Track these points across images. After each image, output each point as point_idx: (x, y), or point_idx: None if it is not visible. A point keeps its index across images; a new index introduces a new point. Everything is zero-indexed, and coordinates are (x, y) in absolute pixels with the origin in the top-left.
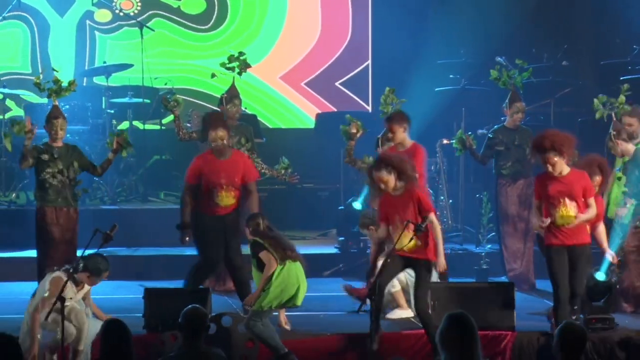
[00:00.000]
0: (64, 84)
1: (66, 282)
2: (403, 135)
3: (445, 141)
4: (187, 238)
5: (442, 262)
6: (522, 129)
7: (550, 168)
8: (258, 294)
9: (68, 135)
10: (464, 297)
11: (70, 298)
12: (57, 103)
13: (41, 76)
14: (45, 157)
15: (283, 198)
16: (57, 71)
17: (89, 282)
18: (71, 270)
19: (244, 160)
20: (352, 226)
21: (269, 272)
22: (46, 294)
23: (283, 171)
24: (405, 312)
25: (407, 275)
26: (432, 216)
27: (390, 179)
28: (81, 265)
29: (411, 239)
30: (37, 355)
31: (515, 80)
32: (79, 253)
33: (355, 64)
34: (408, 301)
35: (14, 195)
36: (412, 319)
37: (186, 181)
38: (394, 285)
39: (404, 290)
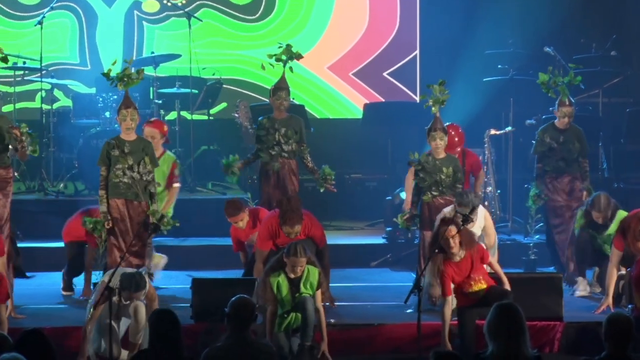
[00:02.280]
0: (134, 74)
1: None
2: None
3: (493, 131)
4: None
5: None
6: (570, 128)
7: None
8: None
9: (116, 125)
10: (512, 287)
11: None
12: (127, 93)
13: (112, 67)
14: (116, 152)
15: None
16: (128, 62)
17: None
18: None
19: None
20: None
21: None
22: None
23: (321, 180)
24: None
25: None
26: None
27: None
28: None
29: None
30: (85, 347)
31: (560, 88)
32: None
33: (403, 54)
34: None
35: (62, 185)
36: None
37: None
38: None
39: None
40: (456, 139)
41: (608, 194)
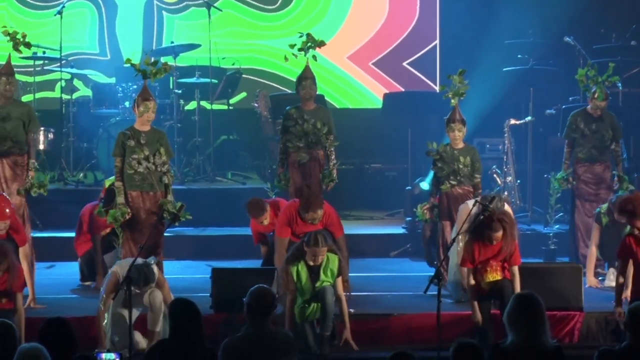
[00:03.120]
0: (159, 65)
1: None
2: None
3: (513, 121)
4: None
5: None
6: (603, 114)
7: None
8: None
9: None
10: (532, 277)
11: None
12: (146, 84)
13: (131, 58)
14: (131, 143)
15: (351, 178)
16: (147, 54)
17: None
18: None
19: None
20: None
21: None
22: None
23: (326, 179)
24: None
25: None
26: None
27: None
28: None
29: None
30: (102, 336)
31: (598, 87)
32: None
33: (422, 43)
34: None
35: (81, 175)
36: None
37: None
38: None
39: None
40: None
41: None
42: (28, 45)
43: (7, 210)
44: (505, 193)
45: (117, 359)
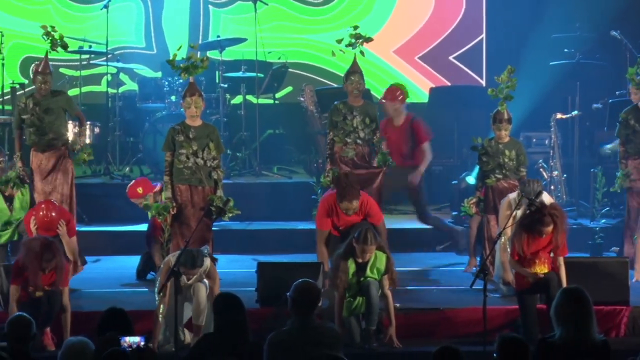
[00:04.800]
0: (198, 61)
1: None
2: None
3: (559, 115)
4: None
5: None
6: None
7: None
8: None
9: (181, 109)
10: (578, 272)
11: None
12: (193, 80)
13: (177, 52)
14: (180, 138)
15: (397, 172)
16: (193, 47)
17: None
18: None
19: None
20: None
21: None
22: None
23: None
24: None
25: None
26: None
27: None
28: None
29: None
30: (157, 327)
31: None
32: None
33: (469, 37)
34: None
35: (127, 169)
36: None
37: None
38: None
39: None
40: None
41: None
42: (65, 46)
43: (59, 228)
44: (552, 187)
45: (141, 341)
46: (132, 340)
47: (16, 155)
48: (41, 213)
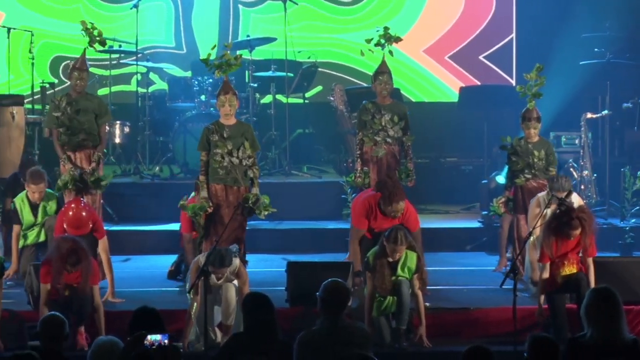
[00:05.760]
0: (232, 60)
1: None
2: None
3: (589, 115)
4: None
5: None
6: None
7: None
8: None
9: (212, 109)
10: (608, 271)
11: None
12: (227, 79)
13: (211, 52)
14: (215, 137)
15: (427, 172)
16: (227, 46)
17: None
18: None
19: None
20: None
21: None
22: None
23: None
24: None
25: None
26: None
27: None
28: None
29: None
30: (189, 325)
31: None
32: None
33: (499, 37)
34: None
35: (157, 168)
36: None
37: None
38: None
39: None
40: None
41: None
42: (103, 42)
43: (90, 224)
44: (582, 187)
45: (163, 340)
46: (153, 338)
47: (62, 158)
48: (70, 212)
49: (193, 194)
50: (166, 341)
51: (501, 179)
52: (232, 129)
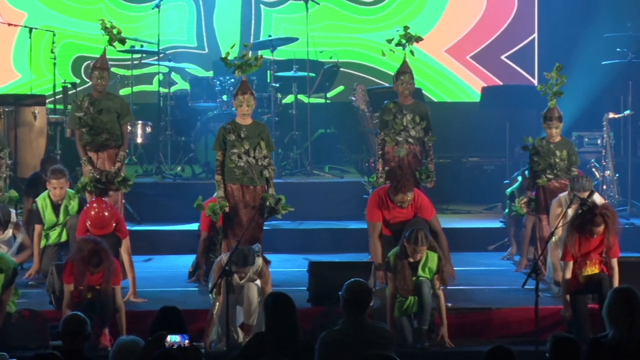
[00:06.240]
0: (252, 60)
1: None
2: None
3: (611, 115)
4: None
5: None
6: None
7: None
8: None
9: (233, 109)
10: (630, 271)
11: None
12: (245, 79)
13: (230, 51)
14: (232, 137)
15: (449, 172)
16: (247, 46)
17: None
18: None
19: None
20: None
21: None
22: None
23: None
24: None
25: None
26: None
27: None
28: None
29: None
30: (211, 324)
31: None
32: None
33: (521, 37)
34: None
35: (179, 168)
36: None
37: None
38: None
39: None
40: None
41: None
42: (123, 41)
43: (113, 223)
44: (605, 187)
45: (183, 342)
46: (173, 339)
47: (83, 160)
48: (92, 212)
49: (216, 193)
50: (186, 342)
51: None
52: (249, 129)
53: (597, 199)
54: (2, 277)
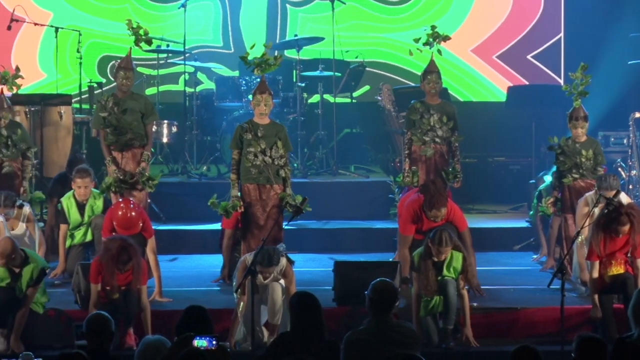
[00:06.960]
0: (271, 59)
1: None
2: None
3: (638, 114)
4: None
5: None
6: None
7: None
8: None
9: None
10: None
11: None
12: (264, 78)
13: (250, 51)
14: (249, 136)
15: (474, 172)
16: (266, 46)
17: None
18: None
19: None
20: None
21: None
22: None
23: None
24: None
25: None
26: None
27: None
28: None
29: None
30: (235, 324)
31: None
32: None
33: (547, 36)
34: None
35: (205, 168)
36: None
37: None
38: None
39: None
40: None
41: None
42: (149, 41)
43: (140, 223)
44: (631, 186)
45: (209, 346)
46: (200, 344)
47: (107, 160)
48: (120, 212)
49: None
50: (214, 343)
51: (549, 178)
52: (266, 128)
53: (624, 198)
54: (30, 270)
